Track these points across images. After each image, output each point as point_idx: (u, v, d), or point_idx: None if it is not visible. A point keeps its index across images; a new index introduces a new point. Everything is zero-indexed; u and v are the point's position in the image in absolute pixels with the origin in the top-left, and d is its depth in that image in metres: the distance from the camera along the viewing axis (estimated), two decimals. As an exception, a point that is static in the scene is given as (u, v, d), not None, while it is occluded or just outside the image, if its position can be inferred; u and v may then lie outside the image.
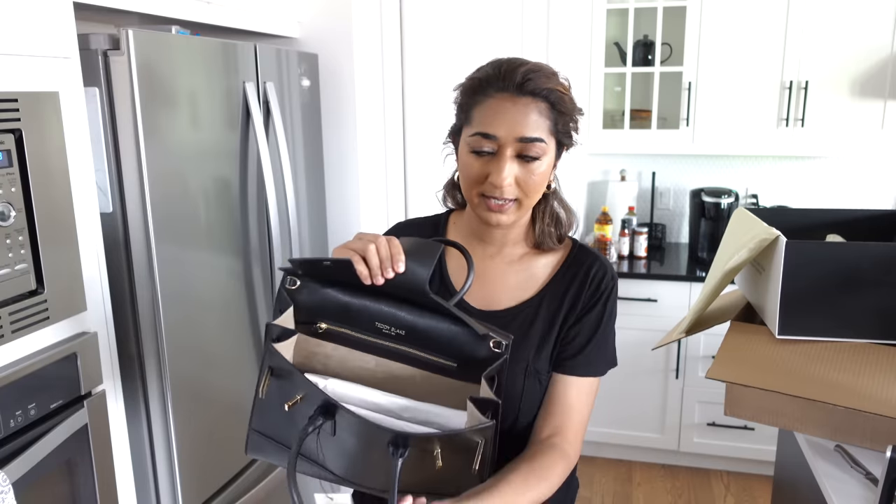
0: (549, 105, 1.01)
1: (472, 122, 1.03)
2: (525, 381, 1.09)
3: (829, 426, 1.19)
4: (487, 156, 1.02)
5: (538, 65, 1.03)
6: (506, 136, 1.00)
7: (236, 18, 1.94)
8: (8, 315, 1.17)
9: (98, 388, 1.37)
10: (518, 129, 1.00)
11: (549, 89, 1.01)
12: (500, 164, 1.00)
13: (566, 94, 1.04)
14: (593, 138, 3.01)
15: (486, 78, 1.03)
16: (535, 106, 1.01)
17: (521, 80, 0.99)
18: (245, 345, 1.83)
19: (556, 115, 1.02)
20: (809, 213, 1.61)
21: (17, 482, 1.16)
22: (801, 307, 1.30)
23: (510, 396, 1.08)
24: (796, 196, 3.18)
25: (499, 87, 1.01)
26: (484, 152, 1.01)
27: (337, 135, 2.35)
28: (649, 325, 2.83)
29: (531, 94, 1.00)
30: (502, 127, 1.00)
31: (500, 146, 1.01)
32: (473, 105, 1.03)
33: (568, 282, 1.12)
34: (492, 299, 1.12)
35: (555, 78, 1.03)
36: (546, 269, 1.14)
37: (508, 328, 1.08)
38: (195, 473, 1.64)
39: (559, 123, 1.03)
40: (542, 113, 1.01)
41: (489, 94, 1.01)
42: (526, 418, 1.11)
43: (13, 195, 1.17)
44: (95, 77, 1.39)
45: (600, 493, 2.86)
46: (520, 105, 1.00)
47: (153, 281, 1.49)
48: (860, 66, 2.70)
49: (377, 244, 0.93)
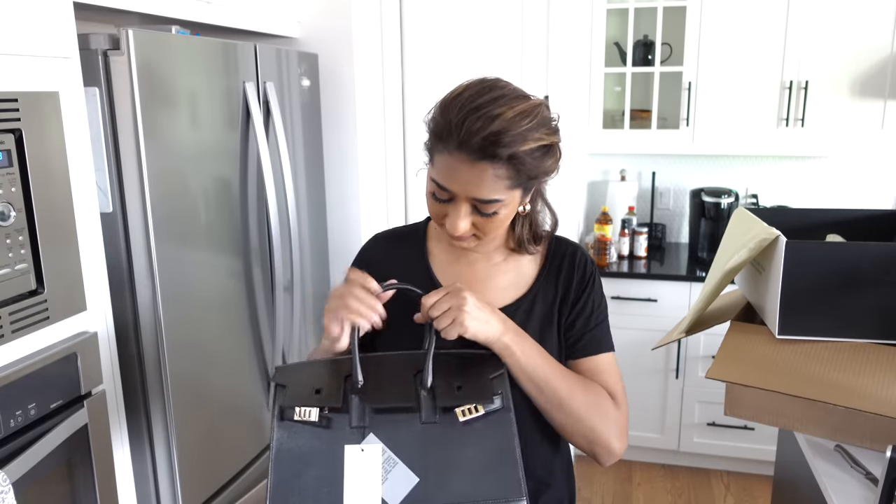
0: (511, 168, 0.95)
1: (434, 166, 1.00)
2: None
3: (829, 426, 1.19)
4: (445, 201, 1.00)
5: (506, 125, 0.92)
6: (460, 192, 0.97)
7: (236, 18, 1.94)
8: (8, 315, 1.17)
9: (98, 388, 1.37)
10: (472, 190, 0.96)
11: (511, 155, 0.93)
12: (455, 215, 0.99)
13: (532, 154, 0.95)
14: (593, 138, 3.01)
15: (448, 129, 0.95)
16: (493, 171, 0.94)
17: (480, 144, 0.92)
18: (245, 345, 1.84)
19: (518, 174, 0.97)
20: (809, 213, 1.61)
21: (17, 482, 1.16)
22: (801, 307, 1.30)
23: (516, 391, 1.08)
24: (796, 196, 3.18)
25: (458, 145, 0.94)
26: (442, 199, 1.00)
27: (337, 135, 2.35)
28: (649, 325, 2.83)
29: (490, 158, 0.93)
30: (456, 185, 0.97)
31: (456, 197, 0.99)
32: (435, 150, 0.99)
33: (556, 272, 1.14)
34: (485, 300, 1.12)
35: (521, 137, 0.93)
36: (532, 265, 1.15)
37: None
38: (195, 473, 1.64)
39: (522, 178, 0.98)
40: (501, 175, 0.95)
41: (448, 150, 0.95)
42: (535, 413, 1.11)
43: (13, 195, 1.17)
44: (95, 77, 1.39)
45: (600, 493, 2.86)
46: (476, 169, 0.94)
47: (153, 281, 1.49)
48: (860, 66, 2.70)
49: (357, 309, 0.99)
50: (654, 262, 3.04)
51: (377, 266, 1.14)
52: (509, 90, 0.97)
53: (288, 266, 1.97)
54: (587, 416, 1.05)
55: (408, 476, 0.94)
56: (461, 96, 0.96)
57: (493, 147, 0.92)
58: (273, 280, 1.92)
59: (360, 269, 1.12)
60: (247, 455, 1.87)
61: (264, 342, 1.92)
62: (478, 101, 0.94)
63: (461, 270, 1.14)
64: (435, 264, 1.16)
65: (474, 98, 0.95)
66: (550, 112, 1.00)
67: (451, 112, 0.95)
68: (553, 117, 1.01)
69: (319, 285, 2.28)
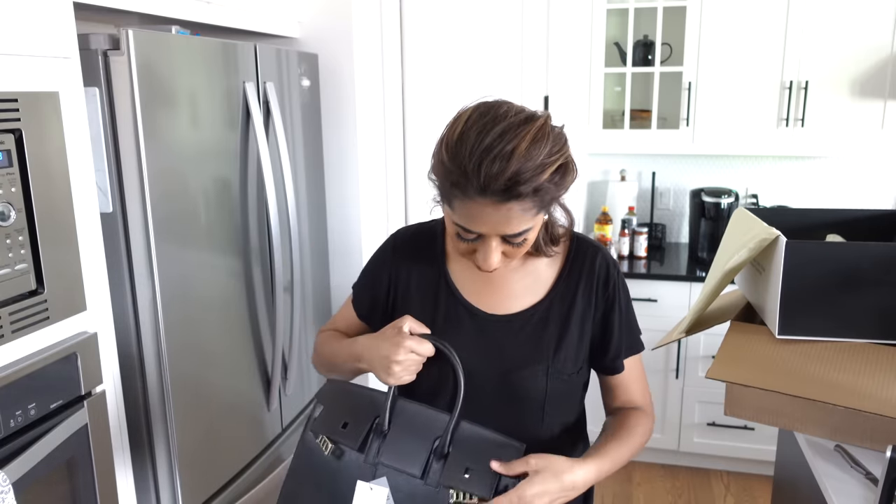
0: (536, 199, 0.93)
1: (455, 212, 0.96)
2: (548, 383, 1.09)
3: (829, 426, 1.19)
4: (472, 240, 0.99)
5: (524, 161, 0.89)
6: (489, 232, 0.96)
7: (236, 18, 1.94)
8: (8, 315, 1.17)
9: (98, 388, 1.37)
10: (501, 229, 0.95)
11: (535, 189, 0.91)
12: (487, 252, 0.98)
13: (553, 180, 0.93)
14: (593, 138, 3.01)
15: (465, 176, 0.91)
16: (520, 208, 0.93)
17: (503, 187, 0.89)
18: (245, 345, 1.84)
19: (543, 201, 0.95)
20: (809, 213, 1.61)
21: (17, 482, 1.16)
22: (801, 307, 1.30)
23: (534, 398, 1.09)
24: (796, 196, 3.18)
25: (479, 191, 0.91)
26: (468, 239, 0.99)
27: (337, 135, 2.35)
28: (649, 325, 2.83)
29: (516, 198, 0.91)
30: (484, 227, 0.95)
31: (486, 236, 0.97)
32: (452, 196, 0.95)
33: (576, 279, 1.12)
34: (501, 304, 1.12)
35: (541, 168, 0.91)
36: (551, 269, 1.14)
37: (523, 331, 1.10)
38: (195, 473, 1.64)
39: (546, 202, 0.96)
40: (528, 208, 0.93)
41: (469, 196, 0.92)
42: (553, 419, 1.12)
43: (13, 195, 1.17)
44: (95, 77, 1.39)
45: (600, 493, 2.86)
46: (503, 209, 0.92)
47: (153, 281, 1.49)
48: (860, 66, 2.70)
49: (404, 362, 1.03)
50: (654, 262, 3.04)
51: (395, 268, 1.17)
52: (512, 114, 0.94)
53: (288, 266, 1.97)
54: (639, 450, 1.13)
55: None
56: (467, 136, 0.92)
57: (516, 187, 0.90)
58: (273, 280, 1.92)
59: (378, 270, 1.18)
60: (247, 455, 1.87)
61: (264, 342, 1.92)
62: (487, 141, 0.90)
63: (476, 275, 1.13)
64: (452, 270, 1.15)
65: (481, 136, 0.91)
66: (553, 121, 0.97)
67: (462, 157, 0.91)
68: (558, 128, 0.98)
69: (319, 285, 2.28)
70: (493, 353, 1.09)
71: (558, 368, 1.09)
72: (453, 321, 1.11)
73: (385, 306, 1.18)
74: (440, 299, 1.13)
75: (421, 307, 1.13)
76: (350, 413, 1.07)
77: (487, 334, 1.10)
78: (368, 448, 1.04)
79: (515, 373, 1.08)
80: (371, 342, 1.08)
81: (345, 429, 1.06)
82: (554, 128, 0.96)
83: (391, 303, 1.18)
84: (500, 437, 1.04)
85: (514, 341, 1.10)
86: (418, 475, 1.01)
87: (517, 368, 1.08)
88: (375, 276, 1.20)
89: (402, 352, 1.01)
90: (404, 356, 1.01)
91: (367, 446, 1.04)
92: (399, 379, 1.02)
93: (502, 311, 1.11)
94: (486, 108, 0.95)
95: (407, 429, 1.05)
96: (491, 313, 1.11)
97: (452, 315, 1.12)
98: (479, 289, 1.13)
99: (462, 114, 0.96)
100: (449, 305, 1.12)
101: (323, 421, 1.08)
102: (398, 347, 1.01)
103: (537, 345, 1.09)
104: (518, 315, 1.11)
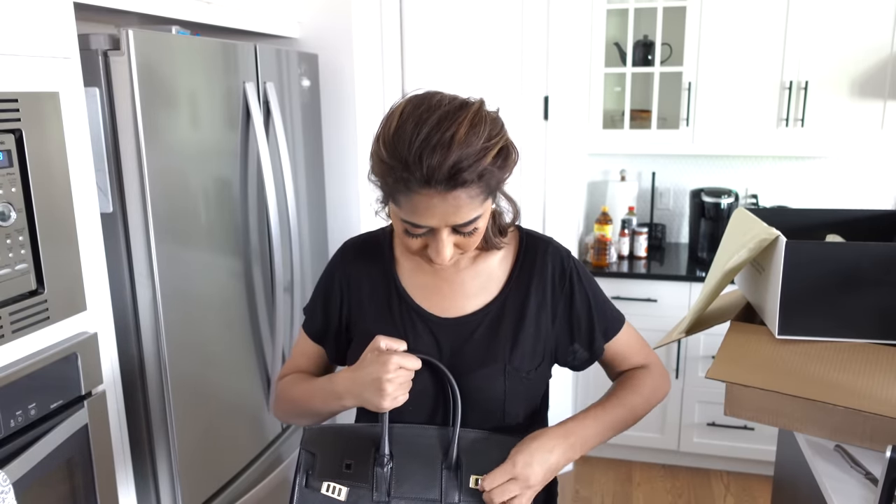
0: (481, 184, 0.92)
1: (401, 208, 0.94)
2: (506, 382, 1.07)
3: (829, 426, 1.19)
4: (422, 235, 0.98)
5: (464, 147, 0.89)
6: (439, 224, 0.94)
7: (236, 18, 1.94)
8: (8, 315, 1.17)
9: (98, 388, 1.37)
10: (451, 219, 0.93)
11: (479, 174, 0.90)
12: (439, 246, 0.97)
13: (495, 163, 0.92)
14: (593, 138, 3.01)
15: (407, 169, 0.89)
16: (467, 195, 0.91)
17: (447, 175, 0.88)
18: (245, 345, 1.84)
19: (488, 185, 0.94)
20: (809, 213, 1.61)
21: (17, 482, 1.16)
22: (801, 307, 1.30)
23: (492, 398, 1.07)
24: (796, 196, 3.18)
25: (423, 183, 0.89)
26: (418, 234, 0.98)
27: (337, 135, 2.35)
28: (649, 325, 2.83)
29: (462, 185, 0.90)
30: (434, 219, 0.93)
31: (436, 229, 0.96)
32: (397, 193, 0.93)
33: (528, 274, 1.11)
34: (454, 306, 1.10)
35: (483, 151, 0.90)
36: (502, 267, 1.12)
37: (477, 331, 1.08)
38: (195, 473, 1.64)
39: (492, 186, 0.95)
40: (474, 195, 0.92)
41: (414, 189, 0.90)
42: (512, 419, 1.09)
43: (13, 195, 1.17)
44: (95, 77, 1.39)
45: (600, 493, 2.86)
46: (450, 198, 0.91)
47: (153, 281, 1.49)
48: (860, 66, 2.70)
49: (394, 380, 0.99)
50: (653, 262, 3.04)
51: (346, 278, 1.14)
52: (446, 102, 0.93)
53: (288, 266, 1.97)
54: (648, 408, 1.14)
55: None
56: (403, 130, 0.90)
57: (460, 174, 0.89)
58: (273, 280, 1.92)
59: (329, 284, 1.15)
60: (247, 455, 1.87)
61: (264, 342, 1.92)
62: (424, 131, 0.89)
63: (427, 280, 1.11)
64: (401, 273, 1.13)
65: (419, 127, 0.89)
66: (487, 106, 0.96)
67: (401, 151, 0.89)
68: (494, 112, 0.97)
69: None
70: (449, 357, 1.08)
71: (515, 367, 1.07)
72: (407, 328, 1.09)
73: (339, 321, 1.15)
74: (392, 306, 1.11)
75: (374, 317, 1.11)
76: (349, 453, 1.04)
77: (441, 338, 1.08)
78: (379, 483, 1.02)
79: (472, 374, 1.06)
80: (352, 374, 1.03)
81: (349, 469, 1.03)
82: (489, 112, 0.96)
83: (345, 315, 1.15)
84: (500, 437, 1.03)
85: (469, 343, 1.08)
86: (438, 499, 1.01)
87: (473, 370, 1.06)
88: (326, 291, 1.17)
89: (391, 368, 0.98)
90: (394, 373, 0.98)
91: (375, 478, 1.02)
92: (395, 400, 0.99)
93: (455, 313, 1.09)
94: (418, 100, 0.94)
95: (411, 454, 1.03)
96: (444, 317, 1.09)
97: (406, 321, 1.09)
98: (430, 293, 1.11)
99: (395, 108, 0.95)
100: (402, 312, 1.10)
101: (323, 469, 1.04)
102: (385, 365, 0.98)
103: (492, 345, 1.07)
104: (471, 316, 1.09)
